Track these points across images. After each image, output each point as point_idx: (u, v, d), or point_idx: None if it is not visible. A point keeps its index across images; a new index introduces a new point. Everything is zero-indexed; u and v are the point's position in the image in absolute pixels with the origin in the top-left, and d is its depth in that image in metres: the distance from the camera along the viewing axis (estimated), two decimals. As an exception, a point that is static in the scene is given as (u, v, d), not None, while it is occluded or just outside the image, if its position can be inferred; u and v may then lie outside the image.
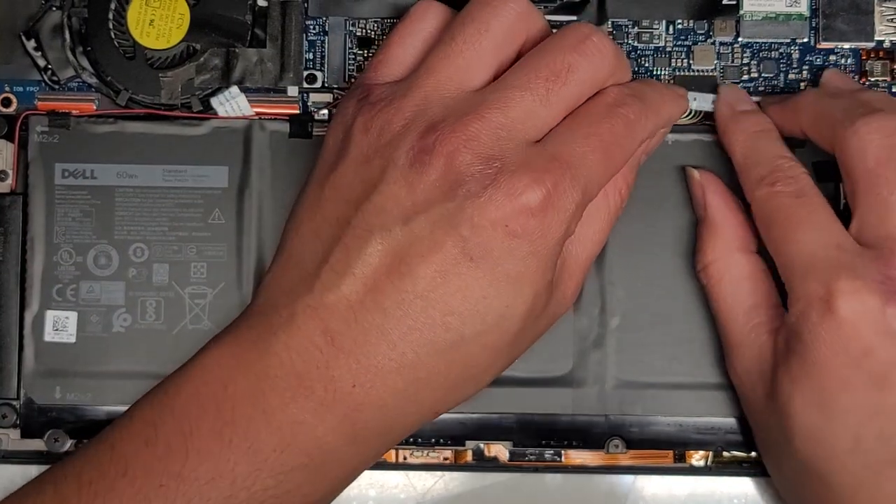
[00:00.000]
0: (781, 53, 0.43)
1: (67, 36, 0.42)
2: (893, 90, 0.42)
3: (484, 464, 0.42)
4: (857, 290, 0.35)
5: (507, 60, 0.37)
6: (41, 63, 0.42)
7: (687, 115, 0.41)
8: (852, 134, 0.36)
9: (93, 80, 0.42)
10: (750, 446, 0.41)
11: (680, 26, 0.43)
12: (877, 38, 0.43)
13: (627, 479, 0.43)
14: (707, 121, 0.42)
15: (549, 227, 0.34)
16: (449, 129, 0.34)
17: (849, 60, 0.43)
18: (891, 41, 0.43)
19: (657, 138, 0.39)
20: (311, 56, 0.43)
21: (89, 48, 0.42)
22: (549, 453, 0.42)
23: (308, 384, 0.34)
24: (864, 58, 0.43)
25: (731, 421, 0.41)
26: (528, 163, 0.34)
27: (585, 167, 0.34)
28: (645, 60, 0.43)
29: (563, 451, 0.42)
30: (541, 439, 0.41)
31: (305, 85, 0.42)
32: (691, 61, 0.42)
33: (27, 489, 0.35)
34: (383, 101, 0.35)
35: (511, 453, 0.42)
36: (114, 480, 0.34)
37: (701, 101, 0.41)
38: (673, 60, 0.43)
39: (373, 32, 0.43)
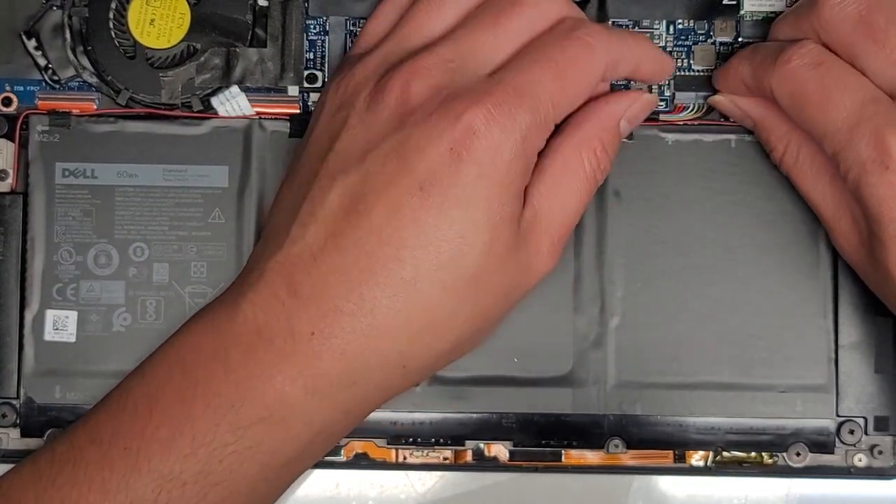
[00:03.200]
0: (781, 54, 0.43)
1: (68, 35, 0.42)
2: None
3: (484, 464, 0.42)
4: None
5: None
6: (42, 62, 0.42)
7: (689, 111, 0.42)
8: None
9: (93, 80, 0.42)
10: (750, 446, 0.41)
11: (680, 26, 0.43)
12: (877, 38, 0.42)
13: (627, 479, 0.43)
14: (707, 120, 0.42)
15: (496, 147, 0.34)
16: (402, 67, 0.35)
17: (849, 61, 0.43)
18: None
19: (642, 105, 0.39)
20: (311, 56, 0.43)
21: (90, 47, 0.42)
22: (549, 453, 0.42)
23: (268, 336, 0.34)
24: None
25: (731, 421, 0.41)
26: (473, 88, 0.34)
27: (534, 86, 0.35)
28: (645, 60, 0.43)
29: (563, 451, 0.42)
30: (541, 439, 0.41)
31: (306, 84, 0.42)
32: (691, 61, 0.42)
33: (11, 469, 0.36)
34: (354, 64, 0.37)
35: (511, 453, 0.42)
36: (83, 448, 0.34)
37: (700, 101, 0.41)
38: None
39: (373, 32, 0.43)
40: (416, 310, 0.34)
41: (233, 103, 0.42)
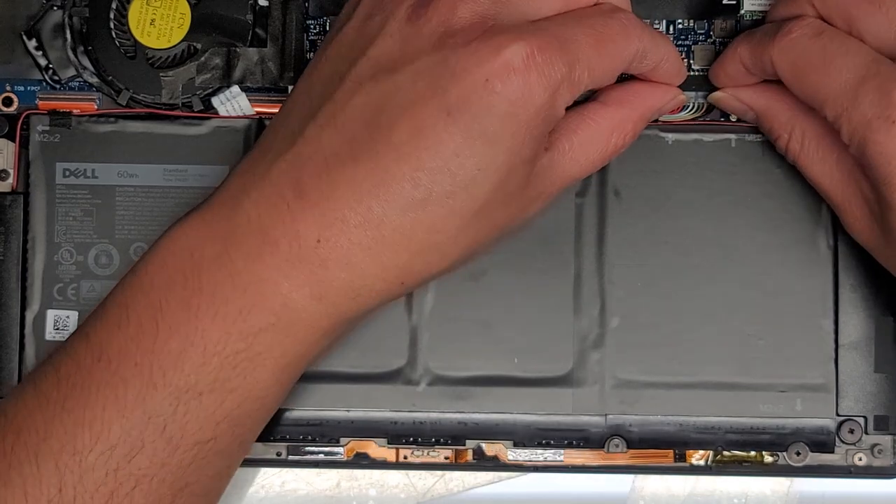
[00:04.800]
0: (782, 54, 0.43)
1: (69, 35, 0.42)
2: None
3: (484, 464, 0.42)
4: None
5: None
6: (42, 62, 0.42)
7: (689, 110, 0.42)
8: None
9: (94, 80, 0.42)
10: (750, 445, 0.41)
11: (680, 26, 0.43)
12: (877, 38, 0.43)
13: (627, 478, 0.43)
14: (707, 120, 0.42)
15: (531, 89, 0.33)
16: None
17: (849, 61, 0.43)
18: (891, 41, 0.43)
19: (676, 102, 0.39)
20: (311, 56, 0.43)
21: (90, 47, 0.42)
22: (549, 453, 0.42)
23: (273, 240, 0.34)
24: (864, 58, 0.43)
25: (731, 420, 0.41)
26: (519, 27, 0.34)
27: (575, 45, 0.34)
28: (645, 60, 0.43)
29: (563, 451, 0.42)
30: (541, 439, 0.41)
31: (306, 85, 0.42)
32: (691, 61, 0.42)
33: (11, 392, 0.36)
34: None
35: (511, 453, 0.42)
36: (90, 368, 0.34)
37: (700, 99, 0.41)
38: (673, 60, 0.43)
39: (373, 32, 0.43)
40: (421, 230, 0.34)
41: (233, 103, 0.42)
